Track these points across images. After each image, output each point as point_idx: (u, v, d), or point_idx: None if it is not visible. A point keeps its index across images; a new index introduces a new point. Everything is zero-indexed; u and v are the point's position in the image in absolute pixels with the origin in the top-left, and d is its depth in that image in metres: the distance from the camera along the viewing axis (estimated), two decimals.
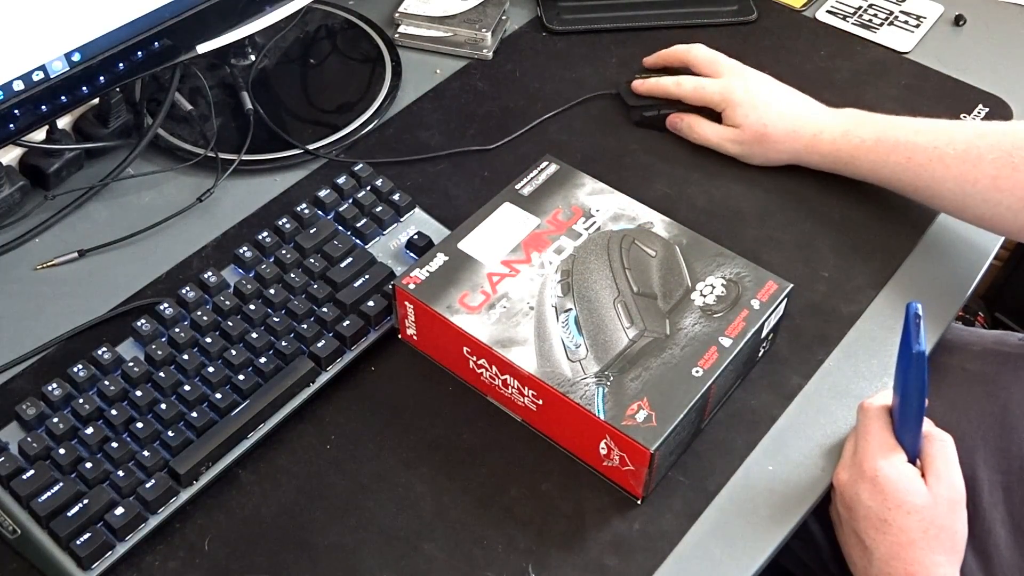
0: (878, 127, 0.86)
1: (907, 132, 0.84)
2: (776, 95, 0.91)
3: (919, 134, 0.84)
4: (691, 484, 0.72)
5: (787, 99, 0.91)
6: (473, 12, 1.04)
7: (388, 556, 0.68)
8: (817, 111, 0.90)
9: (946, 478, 0.68)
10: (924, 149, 0.82)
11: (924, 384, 0.66)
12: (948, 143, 0.82)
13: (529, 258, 0.77)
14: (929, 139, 0.83)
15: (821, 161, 0.89)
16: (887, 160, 0.84)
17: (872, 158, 0.85)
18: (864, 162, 0.86)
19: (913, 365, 0.66)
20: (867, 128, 0.86)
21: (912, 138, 0.83)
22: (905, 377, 0.67)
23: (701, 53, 0.95)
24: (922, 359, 0.65)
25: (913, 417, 0.68)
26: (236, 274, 0.80)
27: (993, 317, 1.45)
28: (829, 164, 0.89)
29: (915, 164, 0.83)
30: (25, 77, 0.75)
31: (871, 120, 0.87)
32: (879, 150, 0.85)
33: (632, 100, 0.97)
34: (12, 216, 0.86)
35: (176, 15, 0.82)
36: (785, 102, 0.91)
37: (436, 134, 0.95)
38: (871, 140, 0.85)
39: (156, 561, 0.68)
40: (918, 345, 0.65)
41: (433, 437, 0.74)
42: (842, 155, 0.87)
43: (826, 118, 0.89)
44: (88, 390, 0.72)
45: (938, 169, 0.82)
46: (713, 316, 0.74)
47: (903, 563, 0.68)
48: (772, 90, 0.92)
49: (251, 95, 0.96)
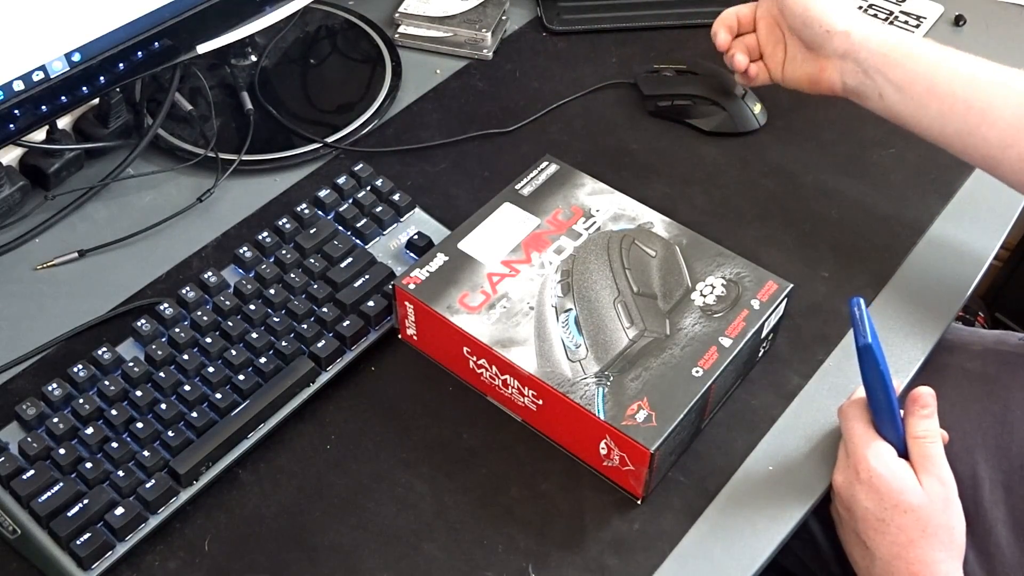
0: (937, 47, 0.80)
1: (969, 63, 0.78)
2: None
3: (981, 69, 0.78)
4: (691, 484, 0.72)
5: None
6: (473, 12, 1.04)
7: (388, 556, 0.68)
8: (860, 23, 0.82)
9: (936, 475, 0.68)
10: (988, 84, 0.77)
11: (884, 375, 0.67)
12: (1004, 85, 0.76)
13: (529, 258, 0.77)
14: (991, 76, 0.77)
15: (869, 56, 0.80)
16: (956, 70, 0.78)
17: (930, 60, 0.78)
18: (921, 63, 0.78)
19: (865, 359, 0.67)
20: (925, 43, 0.80)
21: (975, 70, 0.77)
22: (863, 372, 0.68)
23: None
24: (870, 351, 0.66)
25: (886, 409, 0.68)
26: (236, 274, 0.80)
27: (993, 317, 1.45)
28: (878, 61, 0.80)
29: (978, 88, 0.77)
30: (25, 77, 0.75)
31: (918, 48, 0.80)
32: (943, 57, 0.78)
33: (648, 89, 0.98)
34: (12, 216, 0.86)
35: (176, 15, 0.82)
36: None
37: (436, 134, 0.95)
38: (933, 48, 0.79)
39: (156, 561, 0.68)
40: (863, 338, 0.66)
41: (433, 437, 0.74)
42: (902, 48, 0.79)
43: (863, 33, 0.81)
44: (88, 390, 0.72)
45: (996, 103, 0.76)
46: (713, 316, 0.74)
47: (905, 562, 0.68)
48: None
49: (251, 95, 0.96)
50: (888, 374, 0.67)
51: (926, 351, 0.81)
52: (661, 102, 0.97)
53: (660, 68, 0.99)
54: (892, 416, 0.69)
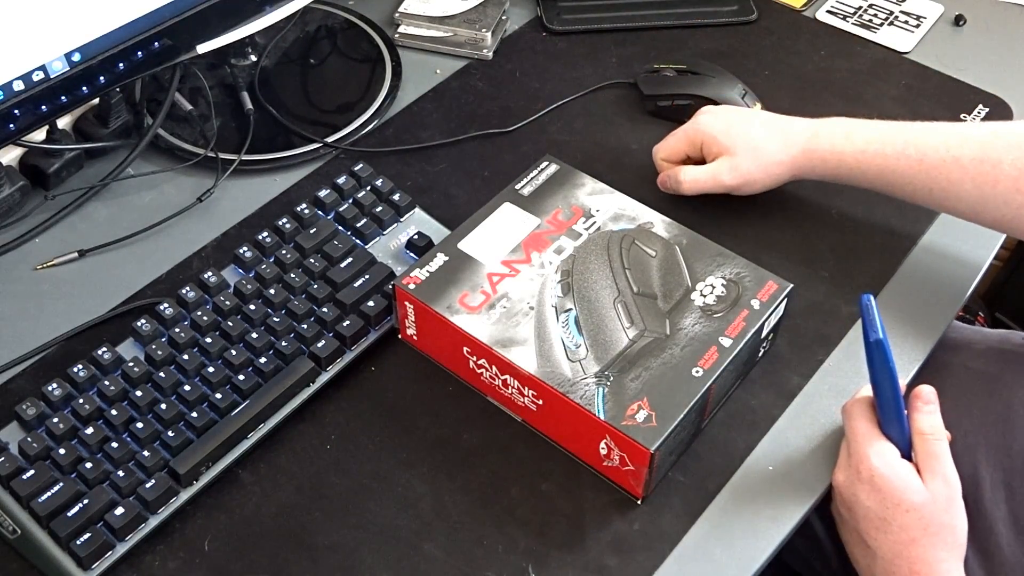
0: (882, 129, 0.81)
1: (915, 133, 0.80)
2: (751, 113, 0.88)
3: (929, 134, 0.80)
4: (691, 484, 0.72)
5: (765, 115, 0.87)
6: (473, 12, 1.04)
7: (388, 556, 0.68)
8: (803, 120, 0.85)
9: (941, 475, 0.68)
10: (936, 149, 0.78)
11: (892, 372, 0.67)
12: (961, 144, 0.78)
13: (529, 258, 0.77)
14: (941, 139, 0.79)
15: (823, 168, 0.83)
16: (897, 164, 0.80)
17: (879, 162, 0.80)
18: (871, 167, 0.81)
19: (874, 354, 0.67)
20: (870, 130, 0.82)
21: (923, 138, 0.79)
22: (872, 368, 0.68)
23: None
24: (880, 347, 0.66)
25: (893, 407, 0.68)
26: (236, 274, 0.80)
27: (993, 317, 1.45)
28: (831, 171, 0.83)
29: (928, 166, 0.79)
30: (25, 77, 0.75)
31: (872, 123, 0.83)
32: (887, 152, 0.80)
33: (648, 89, 0.98)
34: (12, 216, 0.86)
35: (176, 15, 0.82)
36: (764, 116, 0.87)
37: (436, 134, 0.95)
38: (877, 142, 0.81)
39: (156, 561, 0.67)
40: (874, 333, 0.66)
41: (433, 437, 0.74)
42: (846, 159, 0.82)
43: (818, 123, 0.84)
44: (88, 390, 0.72)
45: (954, 171, 0.78)
46: (713, 316, 0.74)
47: (907, 561, 0.68)
48: (744, 112, 0.88)
49: (251, 95, 0.96)
50: (895, 371, 0.67)
51: (927, 351, 0.81)
52: (661, 102, 0.97)
53: (660, 68, 0.99)
54: (898, 413, 0.69)
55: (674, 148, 0.88)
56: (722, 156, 0.85)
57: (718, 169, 0.85)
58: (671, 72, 0.98)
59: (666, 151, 0.89)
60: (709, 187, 0.86)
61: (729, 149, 0.84)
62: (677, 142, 0.88)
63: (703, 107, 0.89)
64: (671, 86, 0.97)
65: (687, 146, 0.87)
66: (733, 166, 0.84)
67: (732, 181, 0.85)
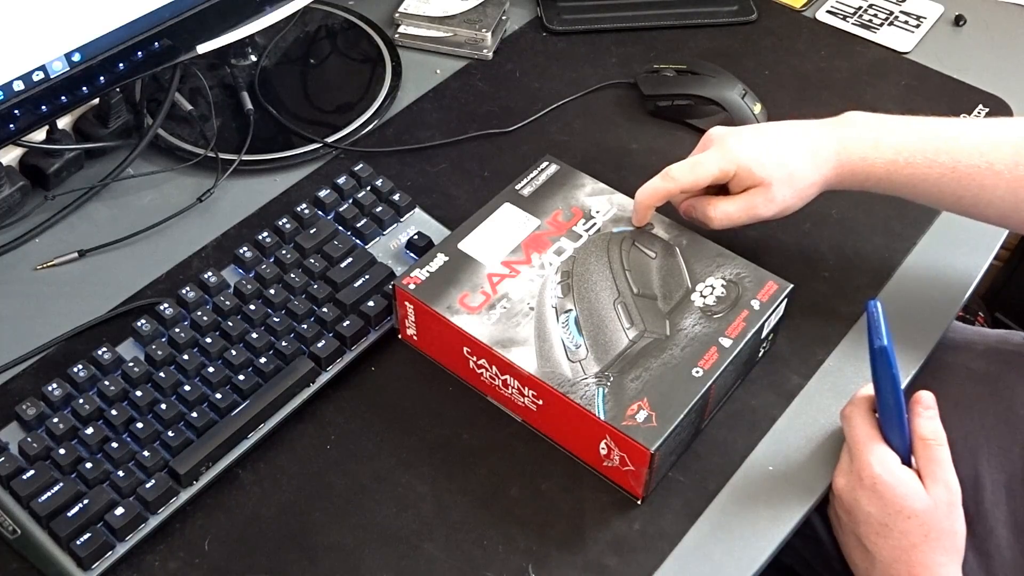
0: (909, 132, 0.76)
1: (945, 138, 0.76)
2: (775, 133, 0.79)
3: (960, 138, 0.76)
4: (691, 484, 0.72)
5: (788, 131, 0.79)
6: (473, 12, 1.04)
7: (388, 556, 0.68)
8: (826, 128, 0.79)
9: (942, 480, 0.68)
10: (970, 156, 0.75)
11: (895, 378, 0.67)
12: (993, 149, 0.75)
13: (529, 259, 0.77)
14: (973, 145, 0.75)
15: (851, 180, 0.78)
16: (928, 173, 0.75)
17: (909, 171, 0.76)
18: (899, 176, 0.76)
19: (879, 361, 0.67)
20: (897, 135, 0.76)
21: (954, 144, 0.75)
22: (875, 374, 0.68)
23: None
24: (885, 353, 0.66)
25: (895, 413, 0.68)
26: (236, 274, 0.80)
27: (993, 317, 1.45)
28: (859, 183, 0.78)
29: (960, 174, 0.75)
30: (25, 77, 0.75)
31: (897, 123, 0.77)
32: (917, 161, 0.75)
33: (648, 89, 0.98)
34: (12, 216, 0.86)
35: (176, 15, 0.82)
36: (788, 133, 0.79)
37: (436, 134, 0.95)
38: (906, 150, 0.76)
39: (156, 561, 0.67)
40: (879, 340, 0.66)
41: (433, 437, 0.74)
42: (875, 171, 0.76)
43: (842, 130, 0.78)
44: (88, 390, 0.72)
45: (988, 178, 0.74)
46: (713, 316, 0.74)
47: (906, 566, 0.68)
48: (769, 133, 0.79)
49: (251, 95, 0.96)
50: (899, 378, 0.67)
51: (927, 351, 0.81)
52: (661, 102, 0.97)
53: (660, 68, 0.99)
54: (900, 419, 0.68)
55: (701, 179, 0.77)
56: (756, 188, 0.77)
57: (753, 203, 0.77)
58: (671, 72, 0.98)
59: (690, 181, 0.77)
60: (743, 221, 0.78)
61: (764, 180, 0.76)
62: (706, 173, 0.77)
63: (714, 128, 0.81)
64: (671, 86, 0.97)
65: (720, 177, 0.77)
66: (769, 198, 0.77)
67: (769, 213, 0.78)
